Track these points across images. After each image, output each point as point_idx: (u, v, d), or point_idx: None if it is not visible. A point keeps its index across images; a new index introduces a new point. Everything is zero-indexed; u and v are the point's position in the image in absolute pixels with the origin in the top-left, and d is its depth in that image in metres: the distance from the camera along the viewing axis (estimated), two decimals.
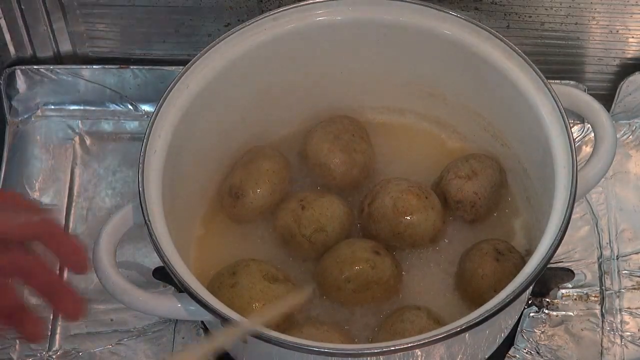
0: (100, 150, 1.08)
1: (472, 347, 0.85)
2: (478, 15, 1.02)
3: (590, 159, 0.86)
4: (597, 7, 1.01)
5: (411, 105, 1.00)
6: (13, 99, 1.09)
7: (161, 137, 0.85)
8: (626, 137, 1.07)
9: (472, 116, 0.97)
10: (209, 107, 0.91)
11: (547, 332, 0.96)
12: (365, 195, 0.94)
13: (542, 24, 1.03)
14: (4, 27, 1.07)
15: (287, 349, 0.76)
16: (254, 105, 0.96)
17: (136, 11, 1.06)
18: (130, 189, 1.04)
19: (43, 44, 1.09)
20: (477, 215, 0.93)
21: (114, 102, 1.10)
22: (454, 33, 0.90)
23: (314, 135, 0.96)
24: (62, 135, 1.08)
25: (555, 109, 0.85)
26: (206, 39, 1.06)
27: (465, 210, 0.93)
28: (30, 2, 1.05)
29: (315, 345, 0.75)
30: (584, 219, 1.01)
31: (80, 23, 1.08)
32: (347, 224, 0.93)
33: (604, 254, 1.00)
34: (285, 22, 0.91)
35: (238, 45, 0.90)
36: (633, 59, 1.06)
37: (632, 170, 1.05)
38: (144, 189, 0.82)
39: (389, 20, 0.92)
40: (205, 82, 0.89)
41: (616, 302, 0.97)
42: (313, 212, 0.91)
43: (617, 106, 1.06)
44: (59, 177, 1.06)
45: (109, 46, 1.10)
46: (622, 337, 0.95)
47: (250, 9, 1.03)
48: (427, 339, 0.75)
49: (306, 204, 0.92)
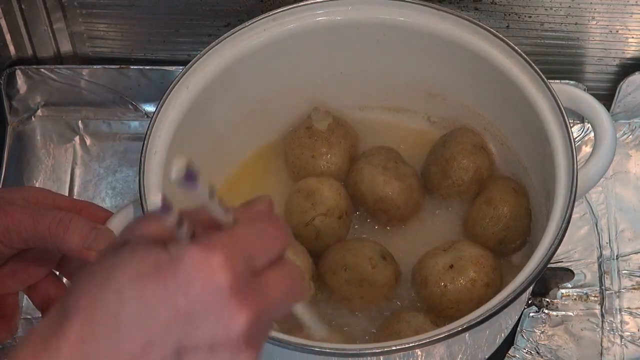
0: (100, 150, 1.08)
1: (472, 347, 0.85)
2: (478, 15, 1.02)
3: (590, 159, 0.86)
4: (597, 7, 1.01)
5: (411, 105, 1.00)
6: (13, 99, 1.09)
7: (161, 137, 0.85)
8: (626, 137, 1.07)
9: (472, 116, 0.97)
10: (209, 107, 0.91)
11: (547, 332, 0.96)
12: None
13: (542, 24, 1.03)
14: (4, 27, 1.07)
15: (288, 348, 0.76)
16: (254, 105, 0.96)
17: (136, 11, 1.06)
18: (130, 189, 1.04)
19: (43, 44, 1.09)
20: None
21: (114, 102, 1.10)
22: (454, 33, 0.90)
23: (364, 173, 0.93)
24: (62, 135, 1.08)
25: (555, 108, 0.85)
26: (206, 39, 1.06)
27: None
28: (30, 2, 1.05)
29: (316, 345, 0.75)
30: (584, 218, 1.01)
31: (80, 23, 1.08)
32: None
33: (604, 253, 1.00)
34: (285, 22, 0.91)
35: (238, 45, 0.90)
36: (633, 59, 1.06)
37: (632, 170, 1.05)
38: (144, 189, 0.82)
39: (389, 20, 0.92)
40: (205, 82, 0.89)
41: (616, 302, 0.97)
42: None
43: (617, 106, 1.06)
44: (59, 177, 1.06)
45: (109, 46, 1.10)
46: (622, 337, 0.95)
47: (250, 9, 1.03)
48: (427, 339, 0.75)
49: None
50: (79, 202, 0.81)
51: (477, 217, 0.92)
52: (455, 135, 0.95)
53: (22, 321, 0.96)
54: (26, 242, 0.74)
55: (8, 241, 0.74)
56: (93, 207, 0.80)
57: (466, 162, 0.93)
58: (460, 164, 0.93)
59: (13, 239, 0.74)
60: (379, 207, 0.93)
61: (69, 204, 0.79)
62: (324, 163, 0.95)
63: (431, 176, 0.95)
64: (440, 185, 0.94)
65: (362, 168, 0.94)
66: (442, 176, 0.94)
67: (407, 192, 0.93)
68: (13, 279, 0.79)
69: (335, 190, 0.92)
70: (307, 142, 0.96)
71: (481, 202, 0.92)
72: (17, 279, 0.79)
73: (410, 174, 0.94)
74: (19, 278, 0.79)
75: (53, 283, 0.81)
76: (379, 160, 0.94)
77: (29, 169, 1.06)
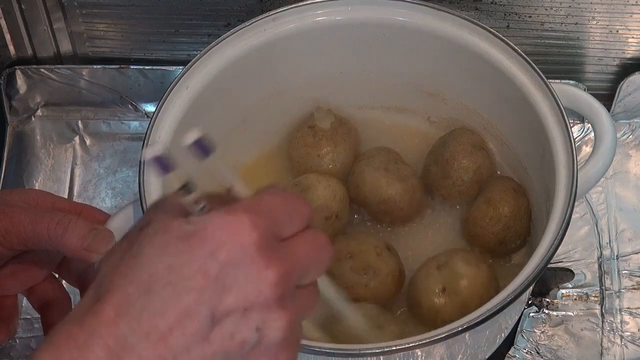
0: (100, 150, 1.08)
1: (472, 347, 0.85)
2: (478, 15, 1.02)
3: (590, 159, 0.86)
4: (597, 7, 1.01)
5: (411, 105, 1.00)
6: (13, 99, 1.09)
7: (161, 137, 0.85)
8: (626, 137, 1.07)
9: (472, 116, 0.97)
10: (209, 107, 0.91)
11: (547, 332, 0.96)
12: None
13: (542, 24, 1.03)
14: (4, 27, 1.07)
15: None
16: (255, 105, 0.96)
17: (136, 11, 1.06)
18: (130, 189, 1.04)
19: (43, 44, 1.09)
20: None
21: (114, 102, 1.10)
22: (453, 32, 0.90)
23: (366, 175, 0.93)
24: (62, 135, 1.08)
25: (555, 108, 0.85)
26: (206, 39, 1.06)
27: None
28: (30, 2, 1.05)
29: (316, 345, 0.75)
30: (584, 219, 1.01)
31: (80, 23, 1.08)
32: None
33: (604, 254, 1.00)
34: (285, 22, 0.91)
35: (238, 45, 0.90)
36: (633, 59, 1.06)
37: (632, 170, 1.05)
38: (144, 189, 0.82)
39: (389, 20, 0.92)
40: (205, 82, 0.89)
41: (616, 302, 0.97)
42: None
43: (617, 106, 1.06)
44: (58, 177, 1.06)
45: (109, 46, 1.10)
46: (622, 337, 0.95)
47: (250, 9, 1.03)
48: (427, 339, 0.75)
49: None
50: (78, 204, 0.81)
51: (477, 217, 0.91)
52: (455, 135, 0.95)
53: (21, 321, 0.96)
54: (25, 244, 0.75)
55: (7, 243, 0.74)
56: (92, 210, 0.80)
57: (466, 162, 0.93)
58: (460, 164, 0.93)
59: (12, 240, 0.74)
60: (383, 208, 0.93)
61: (68, 206, 0.79)
62: (330, 161, 0.95)
63: (431, 176, 0.95)
64: (440, 186, 0.94)
65: (363, 170, 0.94)
66: (442, 176, 0.94)
67: (409, 193, 0.93)
68: (12, 281, 0.79)
69: (331, 192, 0.92)
70: (311, 142, 0.96)
71: (481, 202, 0.92)
72: (16, 280, 0.79)
73: (412, 175, 0.94)
74: (18, 280, 0.79)
75: (52, 285, 0.81)
76: (380, 162, 0.94)
77: (29, 169, 1.06)
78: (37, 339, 0.95)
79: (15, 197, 0.77)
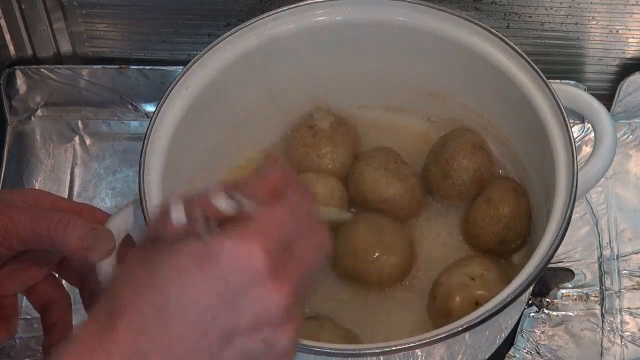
0: (100, 150, 1.08)
1: (472, 347, 0.85)
2: (478, 15, 1.02)
3: (590, 159, 0.86)
4: (597, 7, 1.01)
5: (411, 105, 1.00)
6: (13, 99, 1.09)
7: (161, 137, 0.85)
8: (626, 137, 1.07)
9: (472, 116, 0.97)
10: (209, 107, 0.91)
11: (547, 332, 0.96)
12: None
13: (542, 24, 1.03)
14: (4, 27, 1.07)
15: None
16: (254, 105, 0.96)
17: (136, 11, 1.06)
18: (130, 189, 1.04)
19: (43, 44, 1.09)
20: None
21: (114, 102, 1.10)
22: (453, 33, 0.90)
23: (365, 175, 0.93)
24: (62, 135, 1.08)
25: (555, 108, 0.85)
26: (206, 39, 1.06)
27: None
28: (30, 2, 1.05)
29: (316, 345, 0.75)
30: (584, 219, 1.01)
31: (80, 23, 1.08)
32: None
33: (604, 254, 1.00)
34: (285, 22, 0.91)
35: (238, 45, 0.90)
36: (633, 59, 1.06)
37: (632, 170, 1.05)
38: (144, 189, 0.82)
39: (389, 20, 0.92)
40: (205, 82, 0.89)
41: (616, 302, 0.97)
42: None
43: (617, 106, 1.06)
44: (58, 177, 1.06)
45: (109, 46, 1.10)
46: (622, 337, 0.95)
47: (250, 9, 1.03)
48: (427, 338, 0.75)
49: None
50: (78, 204, 0.81)
51: (477, 217, 0.91)
52: (455, 135, 0.95)
53: (21, 321, 0.96)
54: (25, 244, 0.74)
55: (7, 242, 0.74)
56: (92, 210, 0.80)
57: (466, 162, 0.93)
58: (460, 164, 0.93)
59: (12, 240, 0.74)
60: (382, 208, 0.93)
61: (68, 206, 0.79)
62: (329, 161, 0.95)
63: (431, 176, 0.95)
64: (440, 186, 0.94)
65: (363, 170, 0.94)
66: (442, 176, 0.94)
67: (409, 193, 0.93)
68: (12, 281, 0.79)
69: (329, 190, 0.92)
70: (311, 142, 0.96)
71: (481, 202, 0.92)
72: (16, 280, 0.79)
73: (411, 175, 0.94)
74: (18, 280, 0.79)
75: (52, 285, 0.81)
76: (380, 162, 0.94)
77: (29, 169, 1.06)
78: (37, 339, 0.95)
79: (15, 196, 0.77)
